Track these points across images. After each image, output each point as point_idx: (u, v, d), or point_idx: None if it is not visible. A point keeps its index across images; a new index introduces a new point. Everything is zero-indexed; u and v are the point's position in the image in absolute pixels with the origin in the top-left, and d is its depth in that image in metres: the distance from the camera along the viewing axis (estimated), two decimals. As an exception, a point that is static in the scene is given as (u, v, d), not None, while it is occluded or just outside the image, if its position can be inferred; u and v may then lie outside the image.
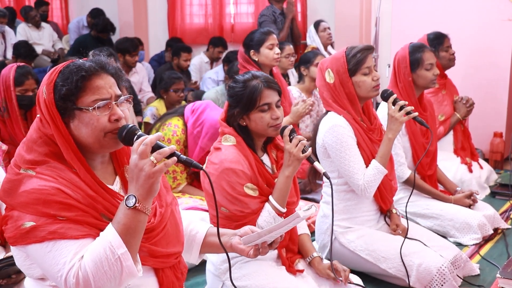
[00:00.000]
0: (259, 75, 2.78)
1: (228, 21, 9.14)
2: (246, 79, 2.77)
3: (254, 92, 2.71)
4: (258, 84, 2.73)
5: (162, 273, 2.00)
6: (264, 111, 2.73)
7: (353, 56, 3.27)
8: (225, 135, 2.79)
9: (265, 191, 2.77)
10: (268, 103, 2.73)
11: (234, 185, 2.69)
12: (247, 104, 2.73)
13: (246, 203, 2.71)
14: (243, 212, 2.72)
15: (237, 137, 2.77)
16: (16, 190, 1.80)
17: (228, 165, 2.68)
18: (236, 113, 2.76)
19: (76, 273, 1.70)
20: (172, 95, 5.49)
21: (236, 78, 2.83)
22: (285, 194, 2.73)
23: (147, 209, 1.77)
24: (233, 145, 2.75)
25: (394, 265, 3.28)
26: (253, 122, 2.75)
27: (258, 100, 2.71)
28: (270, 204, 2.74)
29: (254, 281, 2.78)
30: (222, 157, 2.72)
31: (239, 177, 2.69)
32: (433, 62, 4.05)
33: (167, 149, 1.77)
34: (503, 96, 5.92)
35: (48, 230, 1.74)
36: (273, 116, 2.73)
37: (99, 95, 1.87)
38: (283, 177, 2.72)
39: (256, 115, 2.73)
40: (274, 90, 2.77)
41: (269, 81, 2.77)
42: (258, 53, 4.69)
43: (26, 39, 8.25)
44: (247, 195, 2.71)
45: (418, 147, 4.03)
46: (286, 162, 2.70)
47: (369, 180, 3.23)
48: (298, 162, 2.69)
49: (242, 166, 2.70)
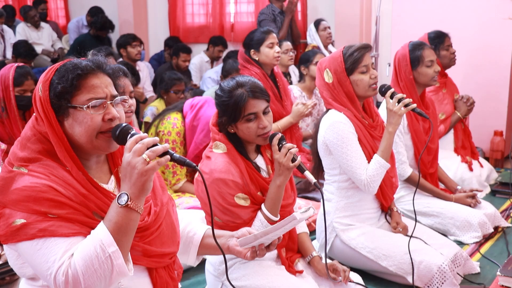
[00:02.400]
0: (244, 83, 2.68)
1: (228, 20, 9.13)
2: (231, 88, 2.68)
3: (239, 103, 2.63)
4: (243, 94, 2.64)
5: (156, 273, 1.99)
6: (251, 120, 2.65)
7: (350, 55, 3.27)
8: (215, 141, 2.75)
9: (258, 199, 2.72)
10: (254, 113, 2.65)
11: (224, 196, 2.65)
12: (232, 114, 2.66)
13: (237, 214, 2.68)
14: (235, 222, 2.69)
15: (228, 144, 2.72)
16: (8, 188, 1.79)
17: (218, 176, 2.63)
18: (224, 121, 2.71)
19: (66, 271, 1.69)
20: (172, 96, 5.48)
21: (221, 86, 2.74)
22: (277, 203, 2.68)
23: (140, 207, 1.76)
24: (223, 153, 2.70)
25: (395, 263, 3.28)
26: (241, 131, 2.69)
27: (243, 110, 2.64)
28: (262, 213, 2.69)
29: (253, 281, 2.76)
30: (212, 166, 2.67)
31: (229, 187, 2.65)
32: (433, 59, 4.05)
33: (160, 147, 1.75)
34: (504, 95, 5.91)
35: (39, 228, 1.73)
36: (260, 125, 2.66)
37: (94, 94, 1.86)
38: (275, 186, 2.66)
39: (243, 125, 2.66)
40: (261, 99, 2.68)
41: (255, 90, 2.67)
42: (259, 52, 4.68)
43: (26, 38, 8.24)
44: (238, 205, 2.67)
45: (420, 145, 4.02)
46: (277, 171, 2.65)
47: (372, 174, 3.23)
48: (289, 171, 2.62)
49: (232, 175, 2.65)
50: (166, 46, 8.58)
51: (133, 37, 6.99)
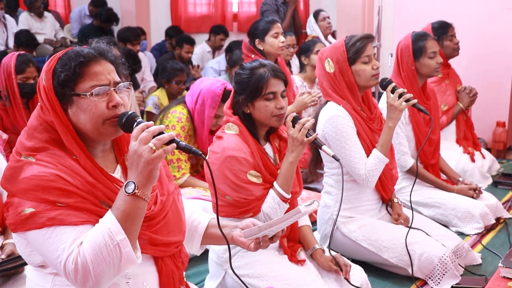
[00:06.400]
0: (266, 64, 2.78)
1: (230, 10, 9.11)
2: (254, 67, 2.76)
3: (261, 80, 2.71)
4: (265, 73, 2.72)
5: (162, 262, 2.00)
6: (269, 99, 2.72)
7: (352, 45, 3.26)
8: (228, 123, 2.79)
9: (268, 179, 2.77)
10: (274, 92, 2.72)
11: (237, 173, 2.69)
12: (253, 91, 2.72)
13: (250, 190, 2.71)
14: (247, 199, 2.72)
15: (241, 126, 2.76)
16: (17, 177, 1.80)
17: (231, 153, 2.68)
18: (241, 100, 2.75)
19: (75, 259, 1.70)
20: (173, 86, 5.46)
21: (243, 65, 2.82)
22: (289, 180, 2.72)
23: (147, 195, 1.77)
24: (235, 134, 2.75)
25: (396, 254, 3.28)
26: (257, 111, 2.74)
27: (264, 88, 2.71)
28: (275, 190, 2.73)
29: (256, 269, 2.78)
30: (224, 145, 2.71)
31: (242, 164, 2.69)
32: (436, 50, 4.04)
33: (166, 135, 1.76)
34: (506, 86, 5.90)
35: (47, 217, 1.74)
36: (277, 106, 2.72)
37: (97, 81, 1.86)
38: (287, 163, 2.70)
39: (261, 103, 2.72)
40: (281, 79, 2.76)
41: (276, 70, 2.76)
42: (263, 42, 4.68)
43: (28, 28, 8.21)
44: (251, 182, 2.71)
45: (421, 136, 4.02)
46: (290, 147, 2.69)
47: (371, 169, 3.23)
48: (302, 146, 2.67)
49: (244, 153, 2.70)
50: (167, 36, 8.55)
51: (135, 34, 6.94)
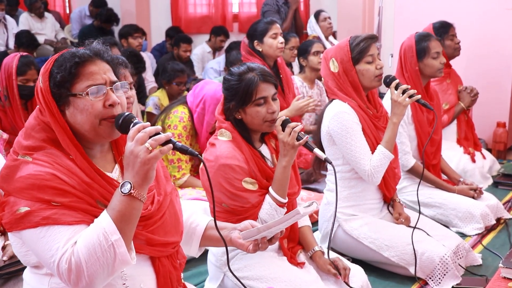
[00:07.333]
0: (255, 68, 2.71)
1: (230, 10, 9.10)
2: (242, 72, 2.70)
3: (250, 86, 2.65)
4: (254, 77, 2.66)
5: (159, 262, 1.99)
6: (260, 105, 2.66)
7: (356, 45, 3.28)
8: (221, 129, 2.75)
9: (264, 185, 2.73)
10: (264, 97, 2.67)
11: (232, 181, 2.65)
12: (242, 97, 2.66)
13: (246, 198, 2.68)
14: (244, 207, 2.69)
15: (233, 132, 2.71)
16: (13, 176, 1.80)
17: (224, 161, 2.64)
18: (232, 106, 2.70)
19: (69, 258, 1.69)
20: (174, 87, 5.46)
21: (231, 71, 2.75)
22: (284, 184, 2.69)
23: (143, 196, 1.76)
24: (228, 141, 2.70)
25: (397, 253, 3.28)
26: (249, 116, 2.69)
27: (254, 94, 2.65)
28: (270, 195, 2.70)
29: (255, 271, 2.77)
30: (217, 153, 2.67)
31: (236, 172, 2.65)
32: (439, 51, 4.05)
33: (163, 135, 1.75)
34: (507, 86, 5.88)
35: (42, 216, 1.74)
36: (269, 110, 2.66)
37: (93, 80, 1.86)
38: (281, 167, 2.66)
39: (252, 109, 2.67)
40: (271, 83, 2.70)
41: (265, 74, 2.70)
42: (262, 43, 4.67)
43: (29, 28, 8.22)
44: (246, 189, 2.67)
45: (424, 136, 4.02)
46: (282, 152, 2.65)
47: (376, 165, 3.23)
48: (294, 150, 2.63)
49: (238, 161, 2.65)
50: (167, 37, 8.55)
51: (135, 28, 6.96)
